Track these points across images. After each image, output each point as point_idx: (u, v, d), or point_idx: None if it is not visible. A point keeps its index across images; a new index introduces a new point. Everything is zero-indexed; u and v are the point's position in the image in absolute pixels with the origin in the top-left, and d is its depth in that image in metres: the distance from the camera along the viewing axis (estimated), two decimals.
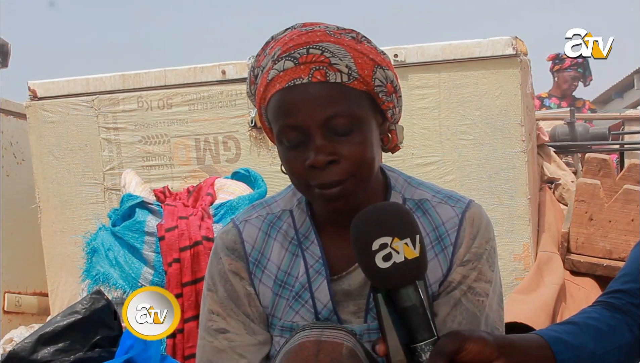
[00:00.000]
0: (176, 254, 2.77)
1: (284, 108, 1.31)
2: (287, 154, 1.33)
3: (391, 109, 1.37)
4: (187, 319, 2.74)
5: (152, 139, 3.34)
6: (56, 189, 3.43)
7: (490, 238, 1.41)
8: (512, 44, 2.99)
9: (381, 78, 1.34)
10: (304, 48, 1.30)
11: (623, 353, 1.31)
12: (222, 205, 2.91)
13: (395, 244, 1.14)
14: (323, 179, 1.29)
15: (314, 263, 1.41)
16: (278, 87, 1.31)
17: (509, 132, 3.03)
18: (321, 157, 1.28)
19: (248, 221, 1.46)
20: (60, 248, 3.43)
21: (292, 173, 1.34)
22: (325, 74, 1.29)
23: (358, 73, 1.30)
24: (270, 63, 1.33)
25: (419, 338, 1.14)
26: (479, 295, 1.38)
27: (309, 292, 1.40)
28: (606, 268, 3.17)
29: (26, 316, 3.84)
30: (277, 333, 1.43)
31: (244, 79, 3.22)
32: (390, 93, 1.36)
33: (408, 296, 1.14)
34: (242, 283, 1.43)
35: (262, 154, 3.25)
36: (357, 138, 1.30)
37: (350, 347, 1.27)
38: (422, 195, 1.43)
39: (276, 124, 1.32)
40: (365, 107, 1.32)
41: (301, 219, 1.44)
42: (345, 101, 1.29)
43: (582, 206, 3.24)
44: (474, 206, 1.42)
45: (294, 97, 1.30)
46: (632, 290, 1.36)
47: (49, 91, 3.42)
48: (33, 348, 2.34)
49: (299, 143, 1.30)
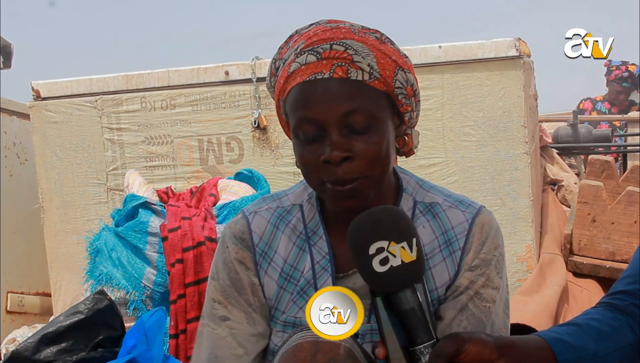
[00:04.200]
0: (179, 254, 2.77)
1: (302, 101, 1.31)
2: (302, 149, 1.33)
3: (409, 112, 1.38)
4: (190, 320, 2.74)
5: (155, 140, 3.35)
6: (59, 189, 3.44)
7: (499, 244, 1.42)
8: (515, 46, 2.99)
9: (402, 80, 1.34)
10: (327, 44, 1.31)
11: (625, 354, 1.30)
12: (225, 206, 2.91)
13: (391, 248, 1.14)
14: (336, 175, 1.29)
15: (320, 259, 1.41)
16: (299, 80, 1.31)
17: (512, 134, 3.03)
18: (336, 153, 1.28)
19: (257, 212, 1.46)
20: (63, 248, 3.44)
21: (305, 167, 1.34)
22: (347, 70, 1.29)
23: (379, 73, 1.31)
24: (292, 56, 1.34)
25: (418, 341, 1.14)
26: (486, 301, 1.39)
27: (313, 289, 1.40)
28: (609, 269, 3.17)
29: (29, 316, 3.84)
30: (279, 328, 1.43)
31: (248, 80, 3.23)
32: (410, 96, 1.37)
33: (406, 300, 1.14)
34: (247, 273, 1.43)
35: (265, 155, 3.25)
36: (374, 137, 1.30)
37: (347, 347, 1.27)
38: (433, 198, 1.44)
39: (294, 117, 1.33)
40: (383, 108, 1.32)
41: (311, 214, 1.44)
42: (364, 99, 1.30)
43: (584, 208, 3.24)
44: (484, 212, 1.42)
45: (313, 91, 1.30)
46: (634, 291, 1.36)
47: (53, 91, 3.43)
48: (36, 348, 2.35)
49: (315, 137, 1.30)
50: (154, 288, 2.80)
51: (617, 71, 6.77)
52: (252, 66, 3.22)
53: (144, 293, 2.81)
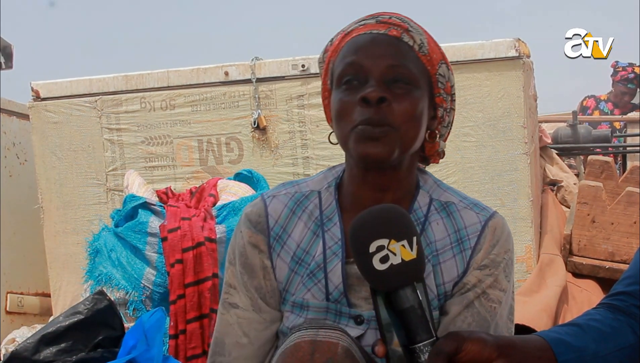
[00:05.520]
0: (179, 255, 2.77)
1: (353, 49, 1.38)
2: (341, 96, 1.37)
3: (443, 108, 1.44)
4: (189, 320, 2.74)
5: (155, 140, 3.35)
6: (59, 189, 3.44)
7: (509, 249, 1.44)
8: (514, 46, 2.99)
9: (444, 73, 1.42)
10: (387, 15, 1.41)
11: (626, 355, 1.30)
12: (224, 206, 2.91)
13: (392, 246, 1.14)
14: (370, 114, 1.33)
15: (332, 244, 1.43)
16: (354, 35, 1.39)
17: (512, 134, 3.03)
18: (375, 92, 1.32)
19: (276, 196, 1.49)
20: (62, 249, 3.44)
21: (340, 111, 1.37)
22: (401, 34, 1.38)
23: (428, 51, 1.39)
24: (351, 25, 1.42)
25: (417, 339, 1.14)
26: (492, 302, 1.41)
27: (323, 272, 1.42)
28: (608, 270, 3.17)
29: (28, 316, 3.84)
30: (288, 309, 1.45)
31: (247, 80, 3.23)
32: (447, 93, 1.43)
33: (406, 298, 1.15)
34: (259, 256, 1.46)
35: (264, 156, 3.25)
36: (410, 97, 1.35)
37: (345, 347, 1.27)
38: (449, 198, 1.47)
39: (340, 65, 1.38)
40: (423, 83, 1.39)
41: (328, 201, 1.47)
42: (410, 62, 1.37)
43: (584, 209, 3.24)
44: (497, 217, 1.45)
45: (365, 40, 1.37)
46: (635, 292, 1.36)
47: (52, 91, 3.43)
48: (35, 349, 2.35)
49: (357, 84, 1.36)
50: (153, 288, 2.80)
51: (623, 72, 6.77)
52: (251, 66, 3.22)
53: (144, 293, 2.81)
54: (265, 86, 3.23)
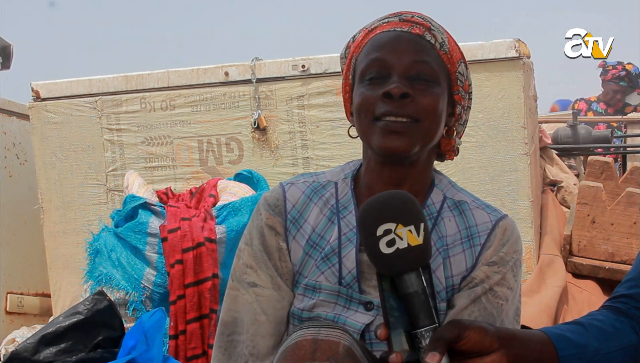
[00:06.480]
0: (179, 255, 2.77)
1: (377, 44, 1.43)
2: (363, 90, 1.42)
3: (460, 105, 1.49)
4: (189, 320, 2.74)
5: (155, 141, 3.35)
6: (59, 190, 3.44)
7: (518, 250, 1.48)
8: (515, 47, 2.99)
9: (462, 71, 1.48)
10: (410, 13, 1.46)
11: (628, 355, 1.30)
12: (224, 206, 2.91)
13: (399, 230, 1.15)
14: (392, 108, 1.38)
15: (347, 231, 1.47)
16: (378, 31, 1.45)
17: (512, 135, 3.03)
18: (398, 88, 1.37)
19: (294, 184, 1.55)
20: (62, 249, 3.44)
21: (362, 104, 1.42)
22: (423, 32, 1.43)
23: (449, 49, 1.45)
24: (374, 22, 1.48)
25: (420, 325, 1.15)
26: (499, 298, 1.44)
27: (337, 256, 1.46)
28: (608, 270, 3.17)
29: (28, 317, 3.84)
30: (301, 292, 1.49)
31: (247, 80, 3.23)
32: (465, 91, 1.49)
33: (411, 283, 1.15)
34: (276, 238, 1.50)
35: (264, 156, 3.25)
36: (432, 93, 1.41)
37: (347, 346, 1.28)
38: (462, 198, 1.52)
39: (364, 61, 1.44)
40: (444, 80, 1.44)
41: (344, 192, 1.52)
42: (431, 59, 1.42)
43: (584, 209, 3.24)
44: (508, 219, 1.51)
45: (389, 37, 1.43)
46: (636, 295, 1.36)
47: (52, 91, 3.43)
48: (35, 349, 2.35)
49: (380, 79, 1.41)
50: (153, 288, 2.80)
51: (613, 70, 6.77)
52: (251, 66, 3.22)
53: (144, 293, 2.81)
54: (266, 87, 3.23)
